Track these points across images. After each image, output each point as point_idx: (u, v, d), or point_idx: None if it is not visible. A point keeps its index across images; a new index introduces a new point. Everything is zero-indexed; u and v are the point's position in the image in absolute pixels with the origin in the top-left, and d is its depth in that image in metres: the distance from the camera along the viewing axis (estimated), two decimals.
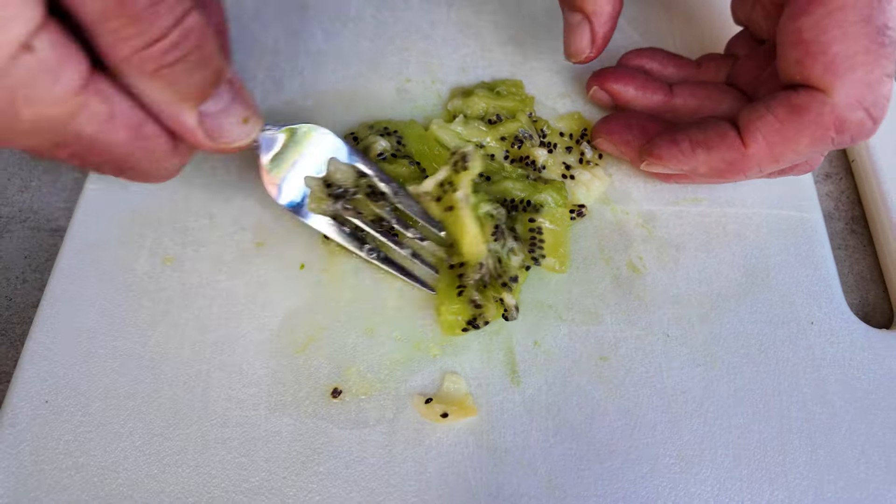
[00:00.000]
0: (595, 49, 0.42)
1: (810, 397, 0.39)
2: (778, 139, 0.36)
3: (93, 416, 0.37)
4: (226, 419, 0.37)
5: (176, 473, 0.36)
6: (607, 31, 0.41)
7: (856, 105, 0.34)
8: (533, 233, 0.41)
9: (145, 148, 0.28)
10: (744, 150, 0.37)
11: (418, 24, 0.52)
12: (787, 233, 0.44)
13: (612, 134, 0.44)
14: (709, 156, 0.38)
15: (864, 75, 0.34)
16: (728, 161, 0.38)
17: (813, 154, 0.37)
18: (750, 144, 0.37)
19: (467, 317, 0.39)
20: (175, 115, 0.28)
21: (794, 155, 0.36)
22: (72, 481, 0.35)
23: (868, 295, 0.45)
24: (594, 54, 0.43)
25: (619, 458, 0.37)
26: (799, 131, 0.35)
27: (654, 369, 0.39)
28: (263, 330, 0.40)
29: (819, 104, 0.34)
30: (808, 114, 0.35)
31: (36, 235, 0.45)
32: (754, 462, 0.37)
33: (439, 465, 0.36)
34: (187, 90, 0.27)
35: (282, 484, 0.36)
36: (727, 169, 0.38)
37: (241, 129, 0.31)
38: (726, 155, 0.38)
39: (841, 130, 0.35)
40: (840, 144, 0.36)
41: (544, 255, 0.41)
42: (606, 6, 0.40)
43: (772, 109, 0.36)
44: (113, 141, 0.26)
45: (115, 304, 0.40)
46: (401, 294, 0.41)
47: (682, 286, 0.42)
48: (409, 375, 0.39)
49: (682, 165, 0.40)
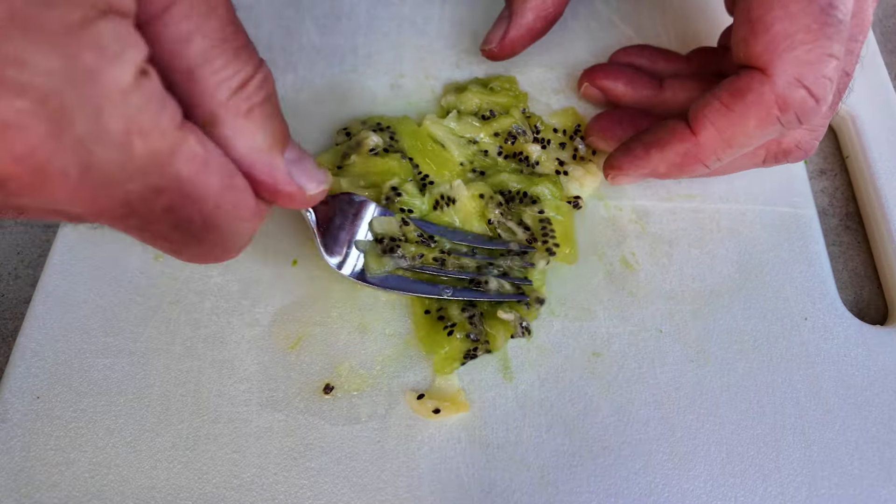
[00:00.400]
0: (500, 46, 0.44)
1: (804, 393, 0.39)
2: (725, 123, 0.36)
3: (84, 413, 0.37)
4: (217, 415, 0.37)
5: (167, 469, 0.36)
6: (518, 37, 0.43)
7: (795, 84, 0.34)
8: (543, 223, 0.41)
9: (233, 201, 0.26)
10: (694, 139, 0.37)
11: (412, 20, 0.51)
12: (780, 229, 0.44)
13: (604, 131, 0.44)
14: (663, 153, 0.38)
15: (804, 54, 0.33)
16: (682, 154, 0.38)
17: (766, 136, 0.36)
18: (699, 133, 0.37)
19: (461, 353, 0.39)
20: (268, 162, 0.27)
21: (746, 138, 0.36)
22: (63, 477, 0.35)
23: (862, 291, 0.45)
24: (497, 51, 0.44)
25: (612, 454, 0.37)
26: (743, 113, 0.35)
27: (646, 365, 0.39)
28: (255, 326, 0.39)
29: (759, 84, 0.34)
30: (750, 94, 0.35)
31: (28, 231, 0.45)
32: (747, 458, 0.37)
33: (431, 461, 0.36)
34: (274, 133, 0.27)
35: (273, 480, 0.35)
36: (683, 161, 0.38)
37: (319, 174, 0.30)
38: (679, 148, 0.38)
39: (784, 109, 0.34)
40: (789, 124, 0.35)
41: (557, 244, 0.41)
42: (528, 14, 0.42)
43: (717, 95, 0.36)
44: (207, 187, 0.25)
45: (106, 301, 0.40)
46: None
47: (675, 282, 0.42)
48: (401, 371, 0.39)
49: (641, 170, 0.40)
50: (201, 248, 0.28)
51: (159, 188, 0.23)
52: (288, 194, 0.29)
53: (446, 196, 0.42)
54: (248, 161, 0.26)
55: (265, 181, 0.27)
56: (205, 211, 0.25)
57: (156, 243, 0.27)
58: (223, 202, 0.26)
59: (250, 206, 0.28)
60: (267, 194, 0.28)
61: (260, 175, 0.27)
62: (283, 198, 0.29)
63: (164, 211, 0.24)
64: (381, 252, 0.40)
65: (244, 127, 0.25)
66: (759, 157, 0.41)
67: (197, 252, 0.28)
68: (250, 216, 0.28)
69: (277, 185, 0.28)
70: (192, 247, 0.27)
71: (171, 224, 0.25)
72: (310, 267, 0.41)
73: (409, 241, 0.40)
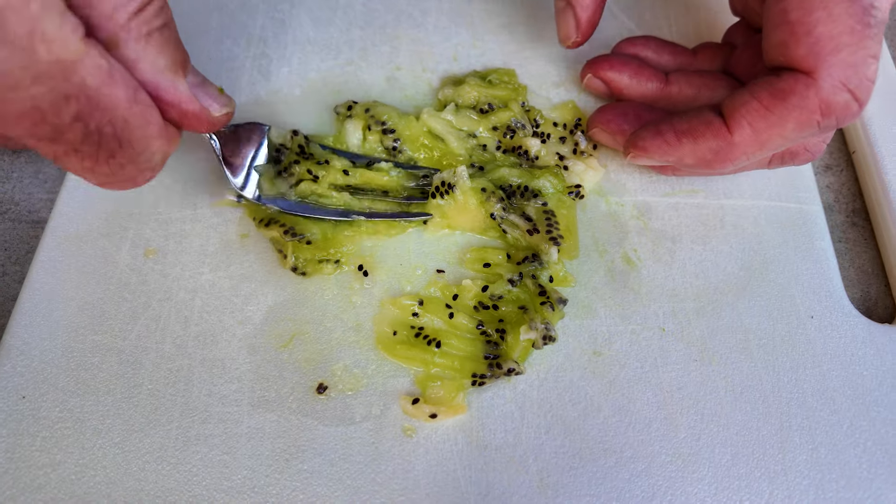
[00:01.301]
0: (580, 34, 0.42)
1: (811, 394, 0.38)
2: (763, 125, 0.35)
3: (71, 412, 0.36)
4: (207, 415, 0.36)
5: (156, 471, 0.35)
6: (591, 16, 0.41)
7: (840, 87, 0.33)
8: (547, 215, 0.40)
9: (141, 115, 0.29)
10: (730, 137, 0.36)
11: (409, 12, 0.50)
12: (786, 225, 0.43)
13: (607, 123, 0.43)
14: (695, 145, 0.37)
15: (849, 56, 0.33)
16: (714, 150, 0.37)
17: (800, 139, 0.36)
18: (735, 131, 0.36)
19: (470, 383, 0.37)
20: (170, 83, 0.30)
21: (781, 140, 0.35)
22: (48, 479, 0.34)
23: (870, 289, 0.44)
24: (580, 39, 0.43)
25: (613, 456, 0.36)
26: (784, 116, 0.34)
27: (649, 365, 0.38)
28: (247, 324, 0.38)
29: (803, 87, 0.33)
30: (793, 98, 0.34)
31: (17, 227, 0.44)
32: (753, 460, 0.36)
33: (427, 463, 0.35)
34: (174, 57, 0.30)
35: (265, 482, 0.34)
36: (714, 158, 0.37)
37: (223, 98, 0.33)
38: (712, 143, 0.37)
39: (826, 114, 0.34)
40: (826, 128, 0.35)
41: (562, 235, 0.40)
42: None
43: (756, 95, 0.35)
44: (113, 98, 0.27)
45: (95, 298, 0.39)
46: (388, 287, 0.40)
47: (678, 279, 0.41)
48: (396, 371, 0.38)
49: (668, 156, 0.38)
50: (114, 164, 0.30)
51: (67, 95, 0.26)
52: (193, 114, 0.32)
53: (446, 182, 0.40)
54: (153, 82, 0.29)
55: (170, 100, 0.30)
56: (115, 122, 0.28)
57: (70, 161, 0.29)
58: (131, 116, 0.28)
59: (158, 122, 0.30)
60: (174, 113, 0.31)
61: (165, 94, 0.30)
62: (188, 118, 0.32)
63: (74, 119, 0.27)
64: (274, 174, 0.41)
65: (145, 49, 0.28)
66: (765, 160, 0.40)
67: (110, 171, 0.30)
68: (158, 133, 0.30)
69: (182, 104, 0.31)
70: (105, 163, 0.30)
71: (83, 134, 0.27)
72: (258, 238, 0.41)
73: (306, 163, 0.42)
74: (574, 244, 0.41)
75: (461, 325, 0.38)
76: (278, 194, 0.41)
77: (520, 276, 0.39)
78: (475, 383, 0.37)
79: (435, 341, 0.38)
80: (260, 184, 0.41)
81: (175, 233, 0.41)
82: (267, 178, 0.41)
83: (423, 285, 0.40)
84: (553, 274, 0.40)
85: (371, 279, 0.40)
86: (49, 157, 0.29)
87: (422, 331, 0.38)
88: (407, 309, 0.39)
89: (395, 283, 0.40)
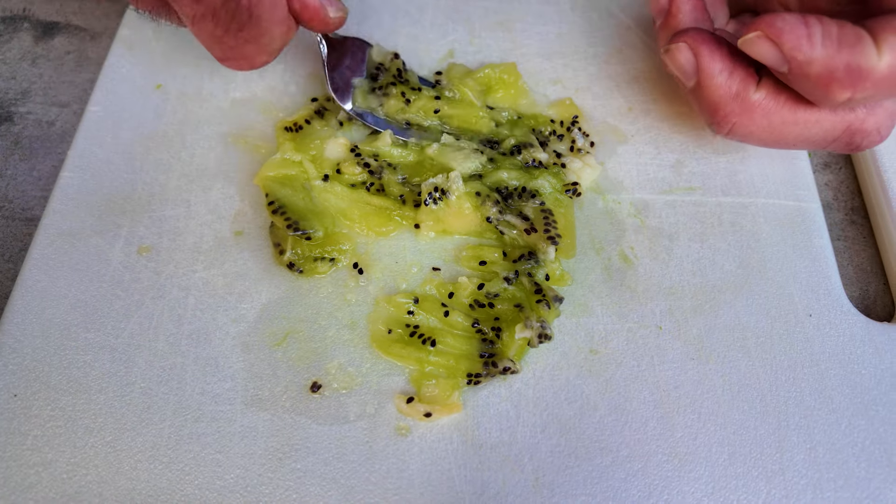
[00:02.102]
0: None
1: (808, 393, 0.38)
2: None
3: (63, 411, 0.35)
4: (200, 414, 0.36)
5: (148, 470, 0.34)
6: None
7: None
8: (545, 214, 0.40)
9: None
10: (875, 58, 0.32)
11: (406, 9, 0.50)
12: (784, 223, 0.43)
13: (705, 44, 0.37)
14: (836, 52, 0.33)
15: None
16: (851, 68, 0.33)
17: None
18: (885, 53, 0.32)
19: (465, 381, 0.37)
20: None
21: None
22: (39, 478, 0.34)
23: (868, 287, 0.44)
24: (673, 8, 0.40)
25: (610, 454, 0.36)
26: None
27: (646, 363, 0.38)
28: (241, 322, 0.38)
29: None
30: None
31: (10, 224, 0.44)
32: (750, 459, 0.36)
33: (422, 462, 0.35)
34: None
35: (257, 481, 0.34)
36: (844, 76, 0.33)
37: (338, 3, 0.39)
38: (853, 59, 0.32)
39: None
40: None
41: (560, 234, 0.40)
42: None
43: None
44: None
45: (88, 295, 0.38)
46: (384, 285, 0.40)
47: (675, 277, 0.41)
48: (391, 369, 0.37)
49: (798, 52, 0.33)
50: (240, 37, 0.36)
51: None
52: (314, 8, 0.37)
53: (439, 188, 0.40)
54: None
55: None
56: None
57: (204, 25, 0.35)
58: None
59: (284, 8, 0.36)
60: (297, 4, 0.37)
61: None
62: (308, 11, 0.37)
63: None
64: (368, 90, 0.45)
65: None
66: (831, 135, 0.38)
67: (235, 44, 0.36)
68: (282, 18, 0.37)
69: None
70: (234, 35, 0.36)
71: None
72: (252, 236, 0.41)
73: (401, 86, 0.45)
74: (571, 243, 0.41)
75: (457, 324, 0.38)
76: (368, 108, 0.44)
77: (515, 274, 0.39)
78: (470, 382, 0.37)
79: (430, 340, 0.37)
80: (354, 95, 0.44)
81: (169, 230, 0.41)
82: (361, 92, 0.44)
83: (419, 283, 0.40)
84: (550, 272, 0.39)
85: (366, 277, 0.40)
86: (188, 16, 0.34)
87: (417, 329, 0.38)
88: (402, 307, 0.39)
89: (390, 281, 0.40)
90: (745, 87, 0.37)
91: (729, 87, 0.37)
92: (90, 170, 0.42)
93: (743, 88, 0.37)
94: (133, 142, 0.44)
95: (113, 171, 0.43)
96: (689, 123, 0.46)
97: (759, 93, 0.37)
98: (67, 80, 0.50)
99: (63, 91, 0.50)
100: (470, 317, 0.38)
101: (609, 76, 0.48)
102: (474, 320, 0.38)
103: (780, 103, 0.37)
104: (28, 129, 0.48)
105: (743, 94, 0.37)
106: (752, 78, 0.37)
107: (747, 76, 0.37)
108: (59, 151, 0.47)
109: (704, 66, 0.37)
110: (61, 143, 0.47)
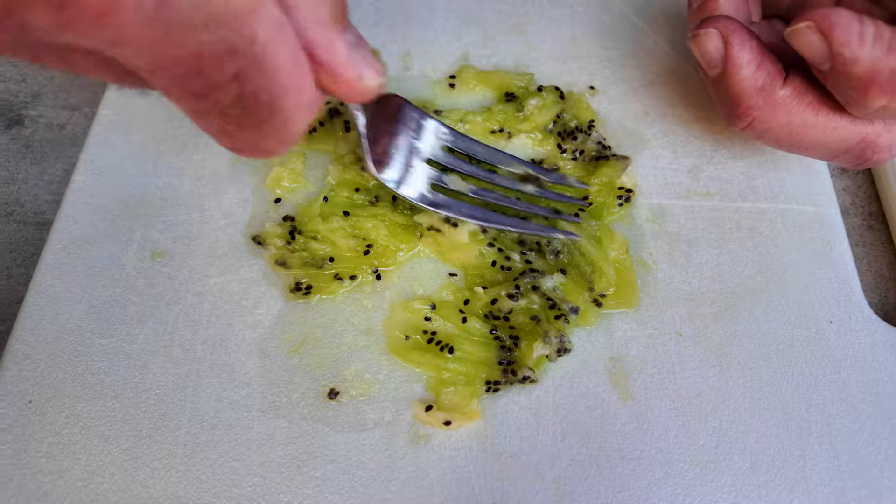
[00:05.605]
0: None
1: (831, 400, 0.37)
2: None
3: (78, 418, 0.35)
4: (217, 421, 0.35)
5: (164, 478, 0.34)
6: None
7: None
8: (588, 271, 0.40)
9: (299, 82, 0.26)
10: None
11: (418, 13, 0.50)
12: (803, 228, 0.43)
13: (736, 32, 0.36)
14: (885, 56, 0.32)
15: None
16: (877, 68, 0.32)
17: None
18: None
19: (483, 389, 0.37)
20: (327, 40, 0.26)
21: None
22: (54, 486, 0.33)
23: (888, 293, 0.43)
24: None
25: (631, 463, 0.35)
26: None
27: (666, 370, 0.38)
28: (257, 328, 0.38)
29: None
30: None
31: (22, 229, 0.44)
32: (773, 468, 0.35)
33: (441, 471, 0.35)
34: (336, 6, 0.26)
35: (275, 489, 0.34)
36: (884, 82, 0.32)
37: (378, 65, 0.29)
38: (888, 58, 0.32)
39: None
40: None
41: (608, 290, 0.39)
42: None
43: None
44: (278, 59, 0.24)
45: (102, 301, 0.38)
46: (400, 290, 0.39)
47: (694, 283, 0.40)
48: (409, 376, 0.37)
49: (847, 48, 0.32)
50: (258, 132, 0.27)
51: (234, 48, 0.23)
52: (347, 81, 0.27)
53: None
54: (308, 38, 0.25)
55: (325, 61, 0.26)
56: (272, 89, 0.25)
57: (210, 121, 0.26)
58: (291, 82, 0.25)
59: (312, 91, 0.27)
60: (326, 79, 0.27)
61: (320, 54, 0.26)
62: (340, 85, 0.28)
63: (232, 78, 0.24)
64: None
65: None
66: (845, 145, 0.37)
67: (249, 139, 0.27)
68: (309, 102, 0.27)
69: (337, 69, 0.27)
70: (250, 129, 0.27)
71: (235, 96, 0.24)
72: None
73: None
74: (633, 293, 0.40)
75: (474, 330, 0.38)
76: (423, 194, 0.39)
77: (517, 289, 0.38)
78: (489, 390, 0.36)
79: (448, 346, 0.37)
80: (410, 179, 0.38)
81: (182, 235, 0.40)
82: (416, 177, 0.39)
83: (436, 289, 0.39)
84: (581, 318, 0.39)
85: (382, 283, 0.39)
86: (187, 112, 0.26)
87: (434, 335, 0.38)
88: (419, 313, 0.38)
89: (406, 287, 0.39)
90: (772, 82, 0.36)
91: (755, 80, 0.36)
92: (102, 174, 0.42)
93: (769, 83, 0.36)
94: (145, 145, 0.43)
95: (125, 175, 0.42)
96: (705, 128, 0.46)
97: (786, 89, 0.36)
98: (78, 83, 0.50)
99: (74, 94, 0.49)
100: (487, 324, 0.38)
101: (624, 79, 0.48)
102: (492, 327, 0.38)
103: (803, 104, 0.36)
104: (39, 133, 0.47)
105: (769, 89, 0.36)
106: (779, 74, 0.37)
107: (775, 71, 0.37)
108: (70, 155, 0.46)
109: (734, 55, 0.36)
110: (72, 147, 0.47)
